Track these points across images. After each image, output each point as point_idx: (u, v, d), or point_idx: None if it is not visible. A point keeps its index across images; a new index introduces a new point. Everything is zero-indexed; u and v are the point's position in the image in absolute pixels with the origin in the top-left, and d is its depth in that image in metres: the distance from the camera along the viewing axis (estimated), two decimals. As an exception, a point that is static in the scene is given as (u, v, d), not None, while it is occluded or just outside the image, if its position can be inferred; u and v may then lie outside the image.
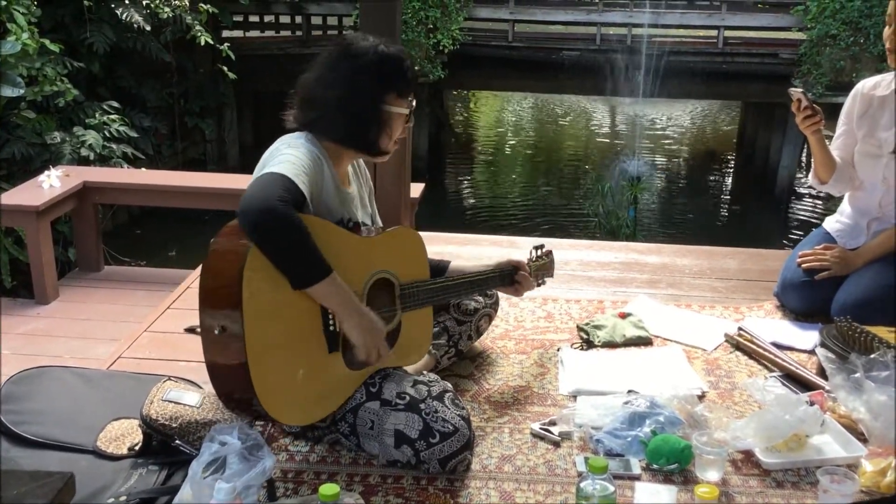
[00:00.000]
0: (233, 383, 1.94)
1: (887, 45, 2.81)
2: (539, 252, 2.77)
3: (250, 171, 2.15)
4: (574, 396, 2.47)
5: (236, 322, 1.84)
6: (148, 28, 7.06)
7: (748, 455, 2.16)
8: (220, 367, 1.95)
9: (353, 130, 2.16)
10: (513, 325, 3.00)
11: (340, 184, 2.19)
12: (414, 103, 2.25)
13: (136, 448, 2.15)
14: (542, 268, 2.78)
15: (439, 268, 2.51)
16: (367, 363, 2.08)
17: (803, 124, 2.85)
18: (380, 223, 2.49)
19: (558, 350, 2.78)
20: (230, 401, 2.02)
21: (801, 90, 2.85)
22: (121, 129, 6.36)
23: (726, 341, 2.88)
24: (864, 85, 3.01)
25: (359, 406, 2.10)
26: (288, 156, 2.01)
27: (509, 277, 2.61)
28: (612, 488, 1.79)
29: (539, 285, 2.78)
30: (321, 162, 2.10)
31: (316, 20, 10.73)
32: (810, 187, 5.17)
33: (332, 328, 2.02)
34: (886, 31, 2.82)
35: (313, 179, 2.03)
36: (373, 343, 2.04)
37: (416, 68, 3.96)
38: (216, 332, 1.88)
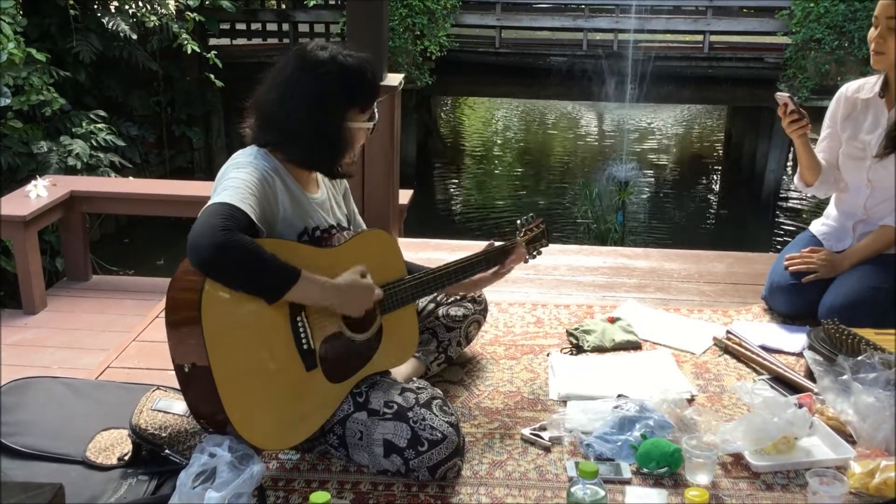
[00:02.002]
0: (210, 416, 1.94)
1: (872, 47, 2.83)
2: (528, 224, 2.67)
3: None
4: (564, 401, 2.48)
5: (202, 357, 1.83)
6: (134, 37, 7.05)
7: (738, 458, 2.17)
8: (195, 401, 1.95)
9: (314, 155, 2.12)
10: (502, 330, 3.00)
11: (304, 192, 2.15)
12: (377, 112, 2.19)
13: (126, 458, 2.14)
14: (534, 239, 2.68)
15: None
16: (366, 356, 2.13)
17: (790, 128, 2.87)
18: (361, 222, 2.45)
19: (548, 355, 2.79)
20: (210, 431, 2.00)
21: (787, 94, 2.87)
22: (108, 137, 6.34)
23: (715, 345, 2.89)
24: (848, 88, 3.04)
25: (347, 417, 2.09)
26: (232, 180, 1.96)
27: (495, 258, 2.52)
28: (602, 493, 1.79)
29: (534, 257, 2.70)
30: (273, 178, 2.05)
31: (303, 28, 10.74)
32: (796, 190, 5.20)
33: (305, 346, 2.00)
34: (872, 32, 2.83)
35: (263, 198, 1.99)
36: (368, 303, 2.08)
37: (403, 75, 3.94)
38: (186, 369, 1.87)
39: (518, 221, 2.68)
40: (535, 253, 2.70)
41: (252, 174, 2.00)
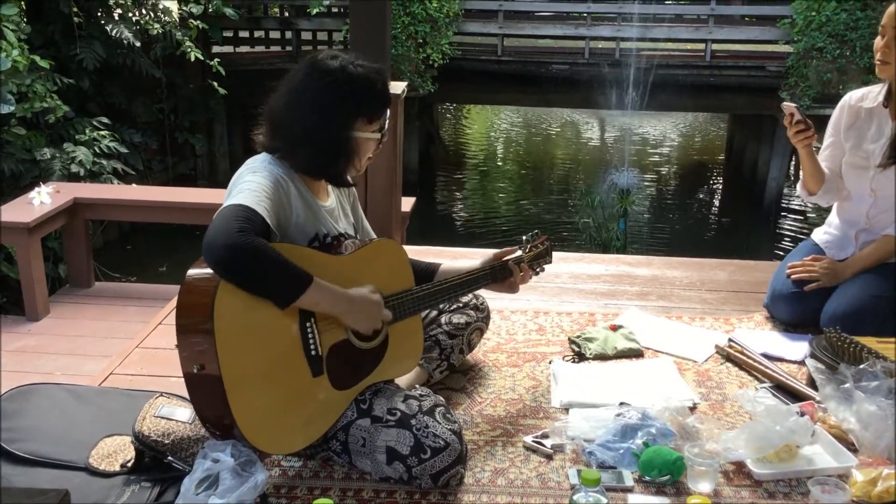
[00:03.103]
0: (216, 418, 1.94)
1: (878, 57, 2.83)
2: (533, 241, 2.69)
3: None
4: (566, 409, 2.48)
5: (212, 360, 1.83)
6: (138, 44, 7.08)
7: (740, 466, 2.16)
8: (202, 402, 1.96)
9: (318, 162, 2.13)
10: (505, 338, 3.01)
11: (315, 198, 2.17)
12: (387, 124, 2.20)
13: (129, 465, 2.14)
14: (538, 256, 2.70)
15: (429, 271, 2.49)
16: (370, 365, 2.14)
17: (795, 138, 2.86)
18: (369, 230, 2.48)
19: (550, 363, 2.79)
20: (215, 433, 2.01)
21: (794, 104, 2.86)
22: (111, 144, 6.35)
23: (717, 353, 2.89)
24: (852, 97, 3.04)
25: (350, 424, 2.10)
26: (249, 183, 1.98)
27: (501, 273, 2.53)
28: (604, 501, 1.79)
29: (537, 273, 2.71)
30: (287, 183, 2.07)
31: (306, 35, 10.77)
32: (799, 199, 5.20)
33: (313, 353, 2.00)
34: (878, 41, 2.83)
35: (278, 203, 2.01)
36: (376, 320, 2.09)
37: (406, 83, 3.95)
38: (195, 370, 1.87)
39: (524, 237, 2.70)
40: (538, 270, 2.71)
41: (267, 179, 2.02)
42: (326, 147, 2.10)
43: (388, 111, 2.21)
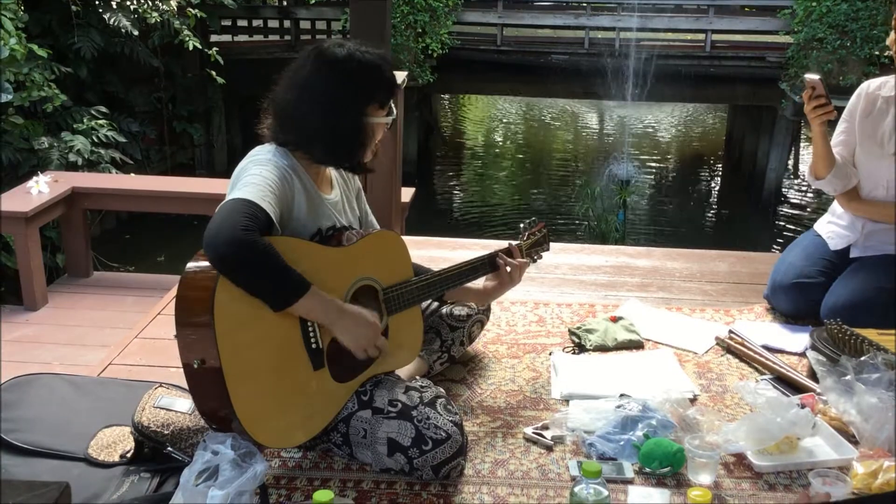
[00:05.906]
0: (217, 412, 1.93)
1: (893, 50, 2.82)
2: (530, 229, 2.68)
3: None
4: (566, 400, 2.48)
5: (213, 354, 1.82)
6: (136, 33, 7.04)
7: (740, 458, 2.16)
8: (203, 396, 1.95)
9: (335, 151, 2.12)
10: (505, 329, 3.00)
11: (318, 191, 2.15)
12: (395, 109, 2.20)
13: (128, 455, 2.14)
14: (536, 244, 2.69)
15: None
16: (370, 358, 2.09)
17: (813, 113, 2.77)
18: (374, 222, 2.46)
19: (550, 354, 2.78)
20: (214, 426, 1.99)
21: (818, 77, 2.76)
22: (109, 134, 6.33)
23: (717, 344, 2.89)
24: (870, 85, 3.01)
25: (351, 415, 2.09)
26: (253, 176, 1.96)
27: (497, 262, 2.50)
28: (605, 492, 1.79)
29: (535, 261, 2.69)
30: (291, 176, 2.06)
31: (304, 24, 10.73)
32: (797, 190, 5.17)
33: (314, 346, 2.00)
34: (892, 37, 2.82)
35: (282, 196, 1.99)
36: (368, 341, 2.03)
37: (406, 73, 3.94)
38: (195, 365, 1.86)
39: (521, 225, 2.69)
40: (535, 257, 2.71)
41: (273, 172, 2.00)
42: (345, 136, 2.09)
43: (394, 98, 2.21)
